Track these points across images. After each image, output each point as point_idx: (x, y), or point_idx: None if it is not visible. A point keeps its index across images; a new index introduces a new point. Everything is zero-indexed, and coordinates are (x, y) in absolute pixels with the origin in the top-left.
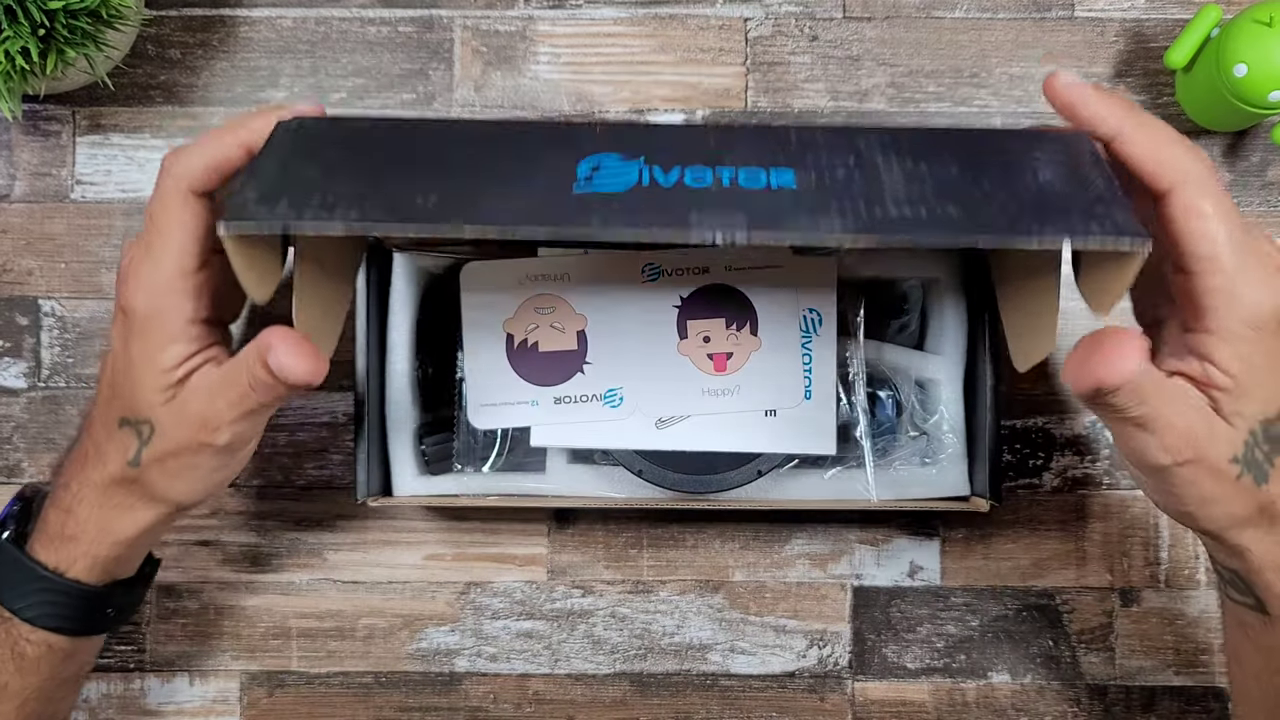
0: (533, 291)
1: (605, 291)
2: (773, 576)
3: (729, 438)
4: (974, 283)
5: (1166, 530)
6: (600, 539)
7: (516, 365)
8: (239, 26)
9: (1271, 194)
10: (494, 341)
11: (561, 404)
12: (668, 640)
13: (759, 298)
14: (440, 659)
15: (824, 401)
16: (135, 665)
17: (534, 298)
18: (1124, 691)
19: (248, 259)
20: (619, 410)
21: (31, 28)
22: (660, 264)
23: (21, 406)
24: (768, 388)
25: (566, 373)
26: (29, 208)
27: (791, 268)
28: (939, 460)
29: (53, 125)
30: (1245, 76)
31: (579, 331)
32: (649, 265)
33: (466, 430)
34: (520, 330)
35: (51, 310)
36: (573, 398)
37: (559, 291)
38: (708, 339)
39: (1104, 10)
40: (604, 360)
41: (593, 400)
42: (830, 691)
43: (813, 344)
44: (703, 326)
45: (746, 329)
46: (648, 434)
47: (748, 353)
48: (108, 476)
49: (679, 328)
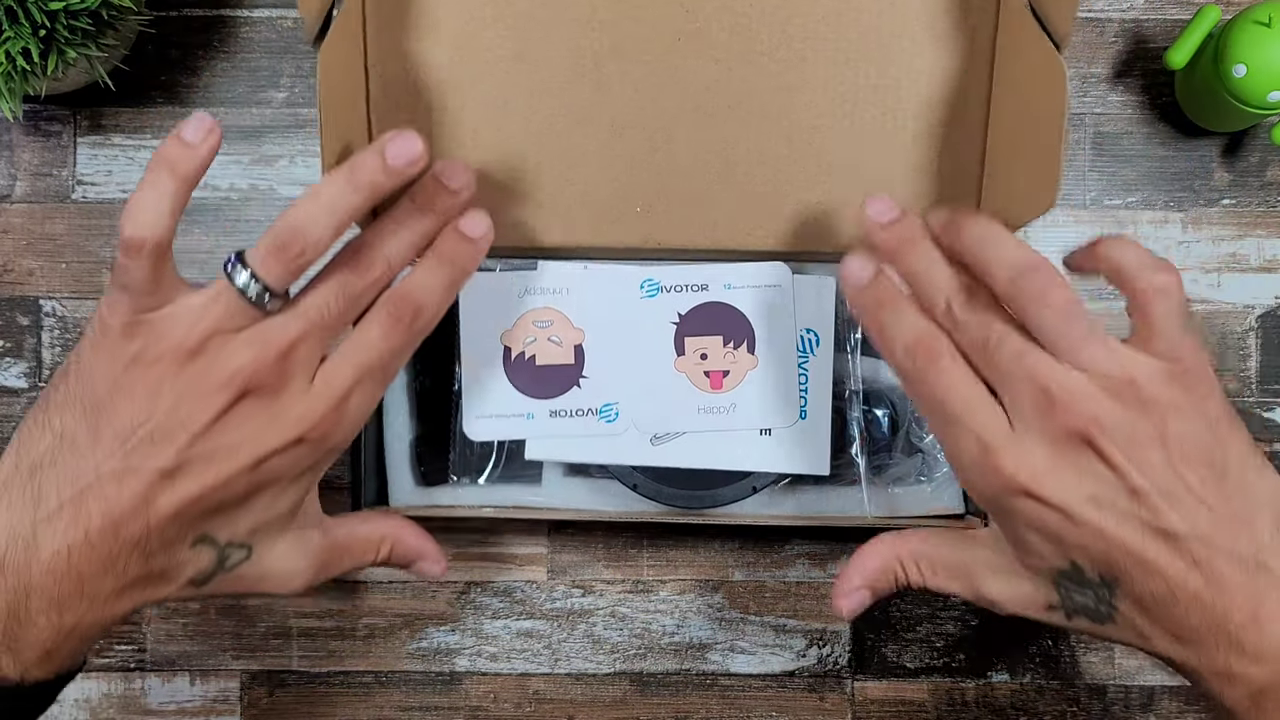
0: (532, 304)
1: (603, 306)
2: (772, 576)
3: (723, 455)
4: None
5: None
6: (600, 539)
7: (513, 377)
8: (239, 26)
9: (1270, 194)
10: (491, 353)
11: (557, 417)
12: (668, 640)
13: (757, 316)
14: (440, 658)
15: (819, 422)
16: (136, 665)
17: (533, 311)
18: (1123, 691)
19: None
20: (614, 425)
21: (32, 28)
22: (659, 280)
23: (22, 406)
24: (763, 407)
25: (563, 386)
26: (30, 208)
27: (790, 287)
28: (934, 478)
29: (53, 125)
30: (1245, 77)
31: (576, 345)
32: (648, 281)
33: (463, 442)
34: (518, 343)
35: (52, 310)
36: (568, 411)
37: (558, 305)
38: (705, 356)
39: (1103, 10)
40: (600, 375)
41: (588, 414)
42: (830, 691)
43: (809, 364)
44: (700, 344)
45: (744, 347)
46: (643, 449)
47: (744, 371)
48: (160, 595)
49: (676, 344)
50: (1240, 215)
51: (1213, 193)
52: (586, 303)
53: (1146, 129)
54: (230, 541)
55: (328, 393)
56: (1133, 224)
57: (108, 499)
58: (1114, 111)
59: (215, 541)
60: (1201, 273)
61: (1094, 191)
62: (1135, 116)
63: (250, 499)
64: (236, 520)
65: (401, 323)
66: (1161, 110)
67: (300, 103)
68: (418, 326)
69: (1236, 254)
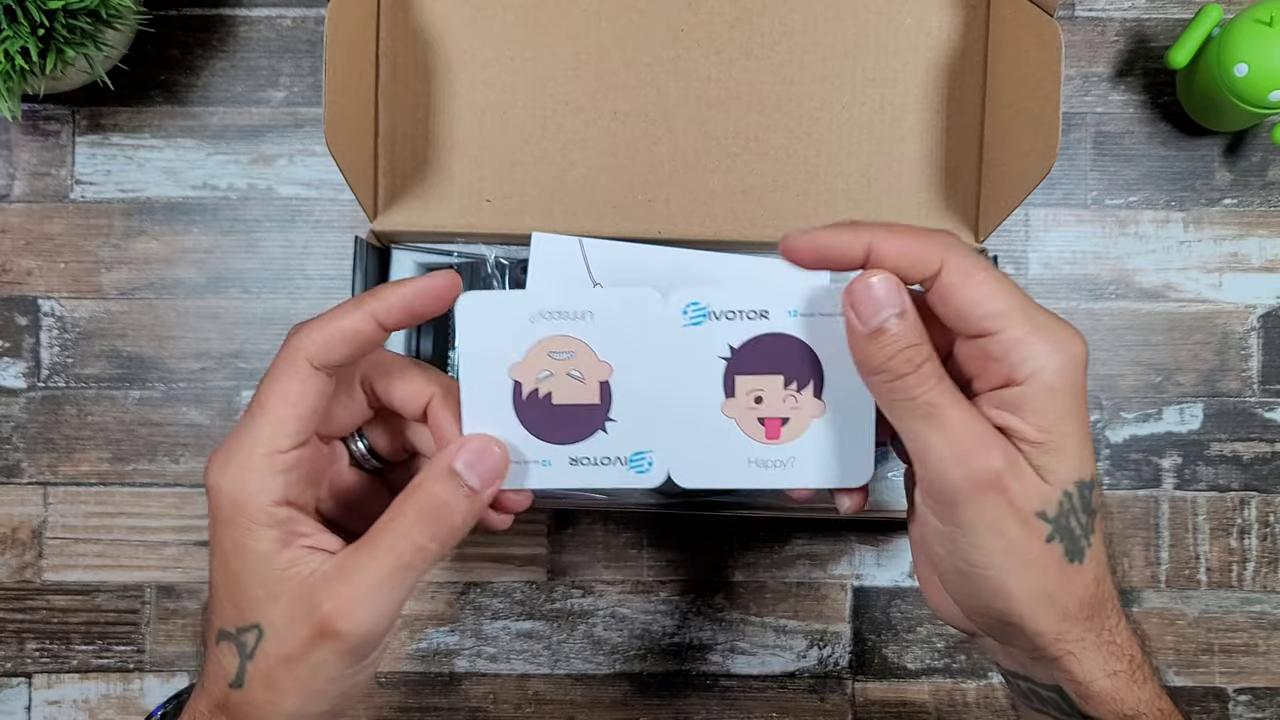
0: (547, 332)
1: (636, 335)
2: (773, 576)
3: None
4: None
5: (1167, 531)
6: (600, 539)
7: (525, 419)
8: (239, 26)
9: (1271, 194)
10: (498, 389)
11: (578, 465)
12: (668, 640)
13: (828, 353)
14: (440, 659)
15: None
16: (135, 665)
17: (548, 339)
18: None
19: None
20: (646, 476)
21: (31, 28)
22: (707, 304)
23: (21, 406)
24: (828, 462)
25: (586, 430)
26: (28, 207)
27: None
28: None
29: (52, 125)
30: (1245, 76)
31: (602, 382)
32: (693, 305)
33: None
34: (530, 378)
35: (51, 310)
36: (593, 459)
37: (579, 333)
38: (760, 399)
39: (1104, 10)
40: (631, 418)
41: (615, 463)
42: (830, 692)
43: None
44: (755, 384)
45: (809, 390)
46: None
47: (807, 419)
48: (204, 709)
49: (725, 384)
50: (1241, 215)
51: (1214, 192)
52: (615, 331)
53: (1148, 128)
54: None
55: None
56: (1134, 223)
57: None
58: (1115, 111)
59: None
60: (1203, 272)
61: (1095, 191)
62: (1136, 116)
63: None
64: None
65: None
66: (1163, 110)
67: (299, 102)
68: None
69: (1238, 253)
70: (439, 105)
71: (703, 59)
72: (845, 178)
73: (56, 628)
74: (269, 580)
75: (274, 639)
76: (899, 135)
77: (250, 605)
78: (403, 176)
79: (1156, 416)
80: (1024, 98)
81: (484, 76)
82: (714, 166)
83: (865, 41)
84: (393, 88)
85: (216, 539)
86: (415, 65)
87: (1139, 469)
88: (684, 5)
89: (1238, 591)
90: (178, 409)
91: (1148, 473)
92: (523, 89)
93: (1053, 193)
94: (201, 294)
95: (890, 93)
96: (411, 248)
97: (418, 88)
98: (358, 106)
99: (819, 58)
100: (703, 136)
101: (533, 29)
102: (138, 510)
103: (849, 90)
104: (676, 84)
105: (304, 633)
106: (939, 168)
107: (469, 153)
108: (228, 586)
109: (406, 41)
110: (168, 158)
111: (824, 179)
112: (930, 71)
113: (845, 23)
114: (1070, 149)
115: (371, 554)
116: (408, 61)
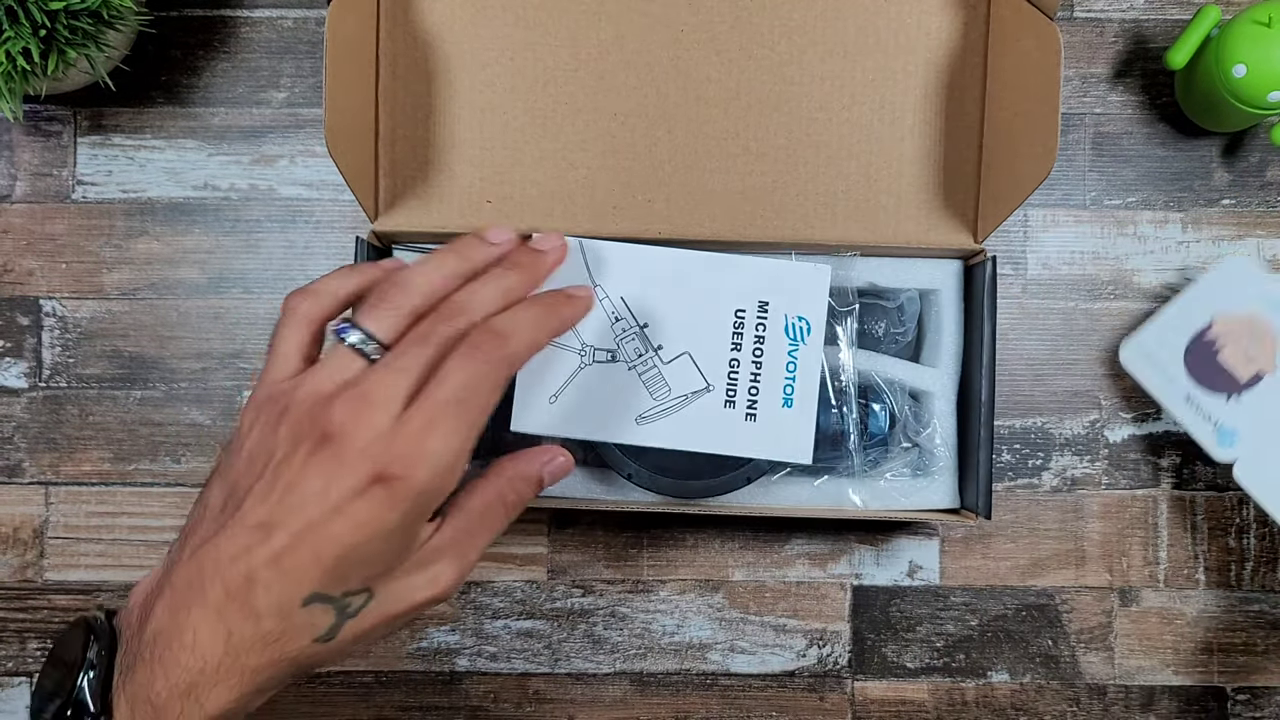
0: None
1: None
2: (772, 576)
3: (707, 438)
4: (971, 296)
5: (1165, 530)
6: (600, 538)
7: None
8: (239, 26)
9: (1271, 194)
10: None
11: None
12: (668, 640)
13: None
14: (441, 658)
15: (805, 411)
16: None
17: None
18: (1123, 691)
19: None
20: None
21: (32, 28)
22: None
23: (22, 406)
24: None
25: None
26: (30, 208)
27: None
28: (930, 473)
29: (54, 125)
30: (1245, 77)
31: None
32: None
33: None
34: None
35: (52, 310)
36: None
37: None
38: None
39: (1103, 10)
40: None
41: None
42: (830, 691)
43: (798, 351)
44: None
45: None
46: (628, 429)
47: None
48: (274, 658)
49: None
50: (1240, 215)
51: (1212, 193)
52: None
53: (1146, 129)
54: (346, 591)
55: (400, 429)
56: (1132, 224)
57: (217, 552)
58: (1114, 112)
59: (329, 596)
60: (1202, 273)
61: (1094, 191)
62: (1135, 117)
63: (348, 551)
64: (346, 573)
65: (480, 350)
66: (1161, 110)
67: (300, 102)
68: (497, 355)
69: (1237, 254)
70: (439, 106)
71: (703, 59)
72: (845, 178)
73: (58, 627)
74: (412, 550)
75: (380, 603)
76: (899, 135)
77: (382, 572)
78: (403, 177)
79: (1155, 416)
80: (1023, 100)
81: (484, 77)
82: (714, 167)
83: (865, 42)
84: (393, 89)
85: (378, 520)
86: (415, 66)
87: (1137, 469)
88: (684, 5)
89: (1236, 591)
90: (179, 409)
91: (1146, 472)
92: (523, 89)
93: (1051, 193)
94: (203, 294)
95: (890, 93)
96: (412, 248)
97: (418, 89)
98: (358, 107)
99: (819, 58)
100: (703, 137)
101: (533, 29)
102: (139, 510)
103: (849, 91)
104: (676, 84)
105: (417, 598)
106: (939, 168)
107: (469, 153)
108: (369, 555)
109: (407, 43)
110: (169, 158)
111: (824, 179)
112: (930, 72)
113: (845, 23)
114: (1069, 149)
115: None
116: (408, 62)
